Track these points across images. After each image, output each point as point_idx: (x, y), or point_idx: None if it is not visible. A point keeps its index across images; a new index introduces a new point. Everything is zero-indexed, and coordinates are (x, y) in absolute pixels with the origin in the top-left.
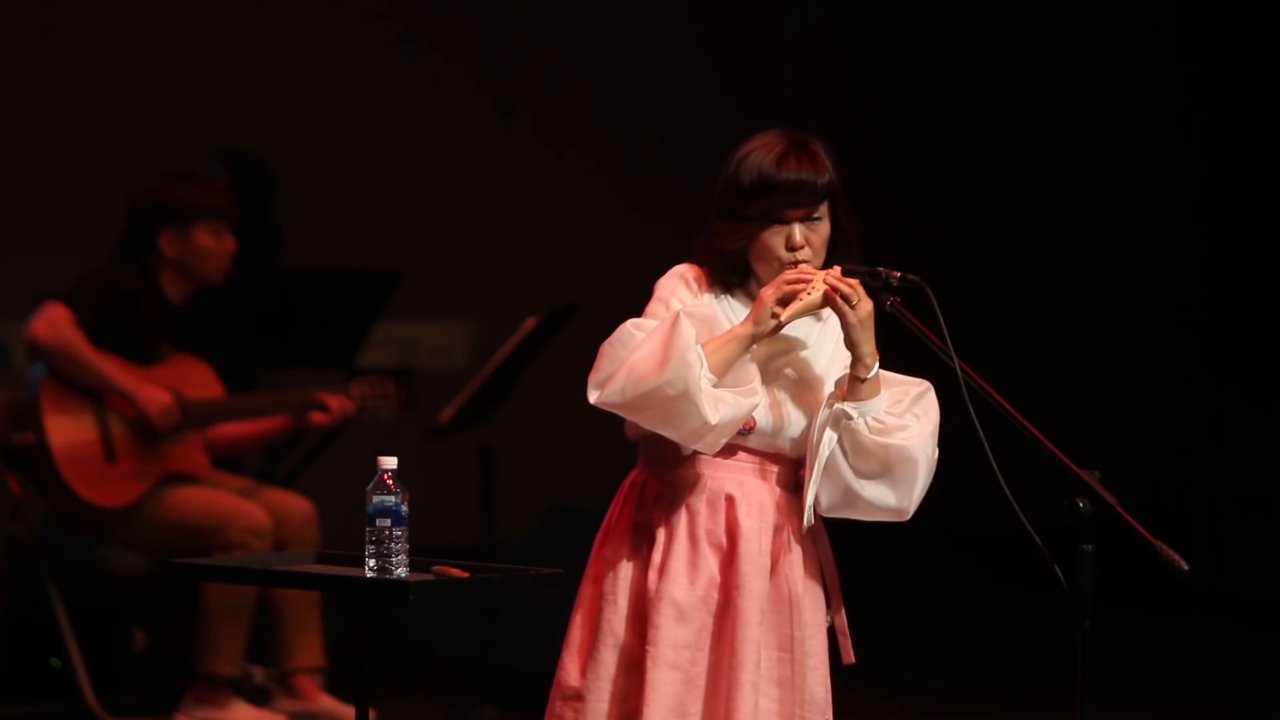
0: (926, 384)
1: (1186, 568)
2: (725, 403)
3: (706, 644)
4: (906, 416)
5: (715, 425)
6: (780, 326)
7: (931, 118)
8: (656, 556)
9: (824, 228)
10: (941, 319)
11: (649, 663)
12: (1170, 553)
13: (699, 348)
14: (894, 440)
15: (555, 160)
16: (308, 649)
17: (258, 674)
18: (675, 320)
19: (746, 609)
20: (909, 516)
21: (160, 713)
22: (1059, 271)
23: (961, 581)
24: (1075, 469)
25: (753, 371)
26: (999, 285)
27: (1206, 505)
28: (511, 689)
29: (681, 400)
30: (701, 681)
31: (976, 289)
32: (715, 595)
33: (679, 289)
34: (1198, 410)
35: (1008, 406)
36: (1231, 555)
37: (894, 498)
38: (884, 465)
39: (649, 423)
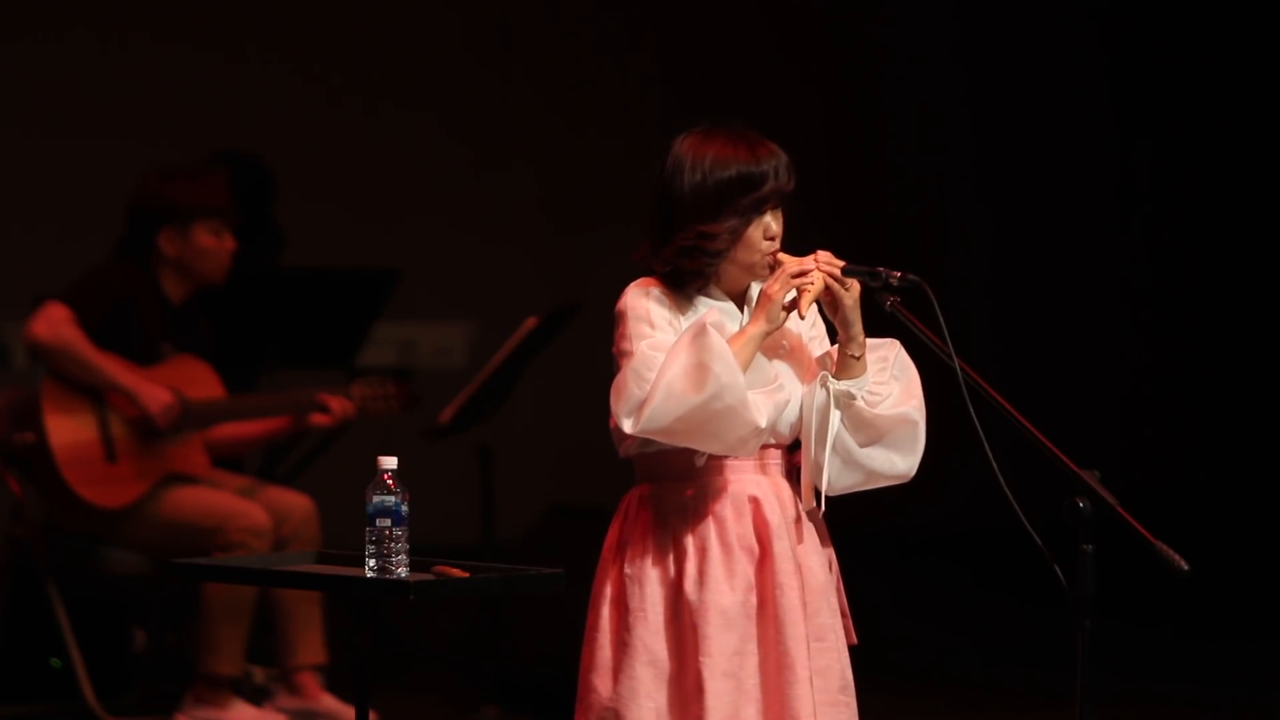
0: (896, 343)
1: (1186, 568)
2: (763, 403)
3: (750, 648)
4: (891, 383)
5: (764, 428)
6: (786, 319)
7: (905, 122)
8: (690, 568)
9: (781, 214)
10: (941, 319)
11: (705, 674)
12: (1170, 553)
13: (734, 357)
14: (891, 409)
15: (556, 161)
16: (310, 646)
17: (258, 674)
18: (702, 333)
19: (789, 607)
20: (912, 477)
21: (160, 713)
22: (1038, 269)
23: (959, 581)
24: (1075, 469)
25: (770, 368)
26: (992, 287)
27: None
28: (511, 689)
29: (729, 413)
30: (750, 685)
31: (964, 291)
32: (753, 599)
33: (651, 306)
34: (1196, 409)
35: (1008, 406)
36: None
37: (901, 462)
38: (884, 433)
39: (687, 440)
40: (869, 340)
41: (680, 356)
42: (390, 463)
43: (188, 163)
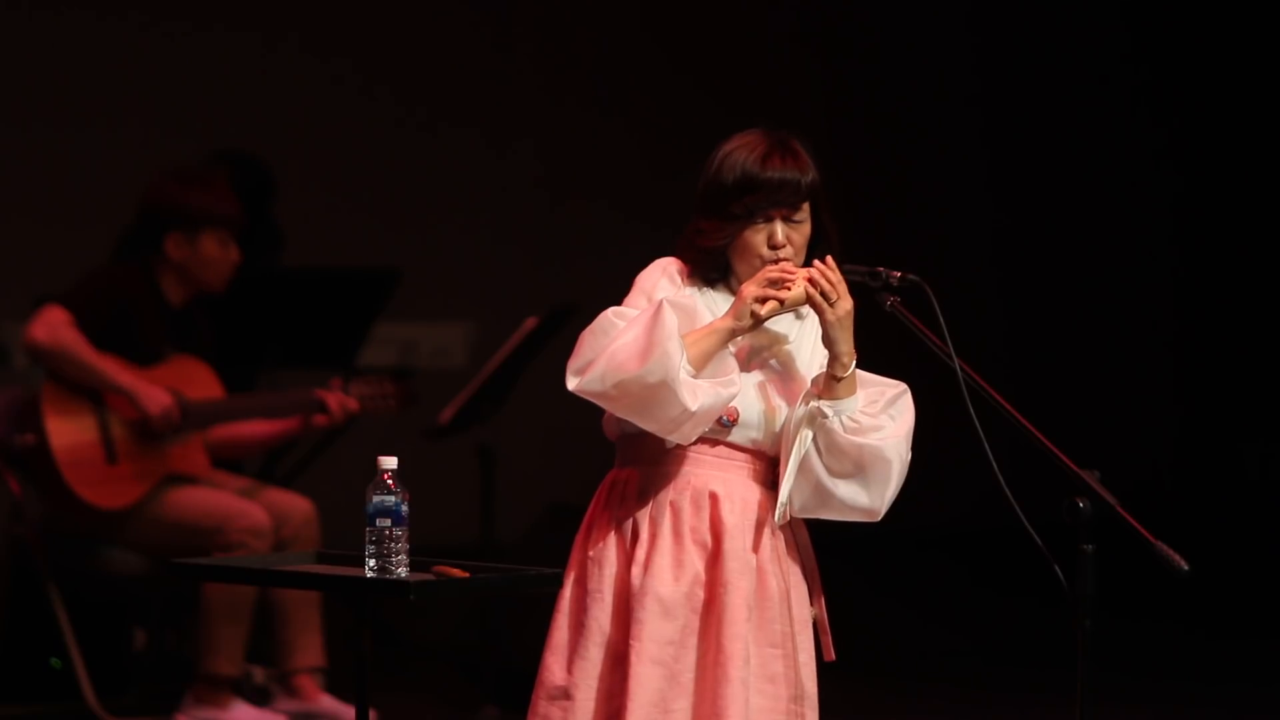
0: (903, 386)
1: (1186, 568)
2: (704, 390)
3: (690, 641)
4: (881, 417)
5: (695, 412)
6: (760, 322)
7: (918, 119)
8: (640, 553)
9: (805, 227)
10: (941, 319)
11: (633, 658)
12: (1170, 552)
13: (680, 338)
14: (868, 440)
15: (555, 160)
16: (308, 648)
17: (258, 674)
18: (658, 310)
19: (733, 605)
20: (880, 517)
21: (160, 713)
22: (1049, 269)
23: (956, 581)
24: (1075, 469)
25: (732, 364)
26: (991, 285)
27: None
28: (511, 689)
29: (661, 388)
30: (685, 679)
31: (967, 289)
32: (700, 593)
33: (661, 281)
34: (1195, 407)
35: (1008, 406)
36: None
37: (866, 498)
38: (857, 465)
39: (626, 411)
40: (876, 377)
41: (633, 329)
42: (390, 463)
43: (202, 169)
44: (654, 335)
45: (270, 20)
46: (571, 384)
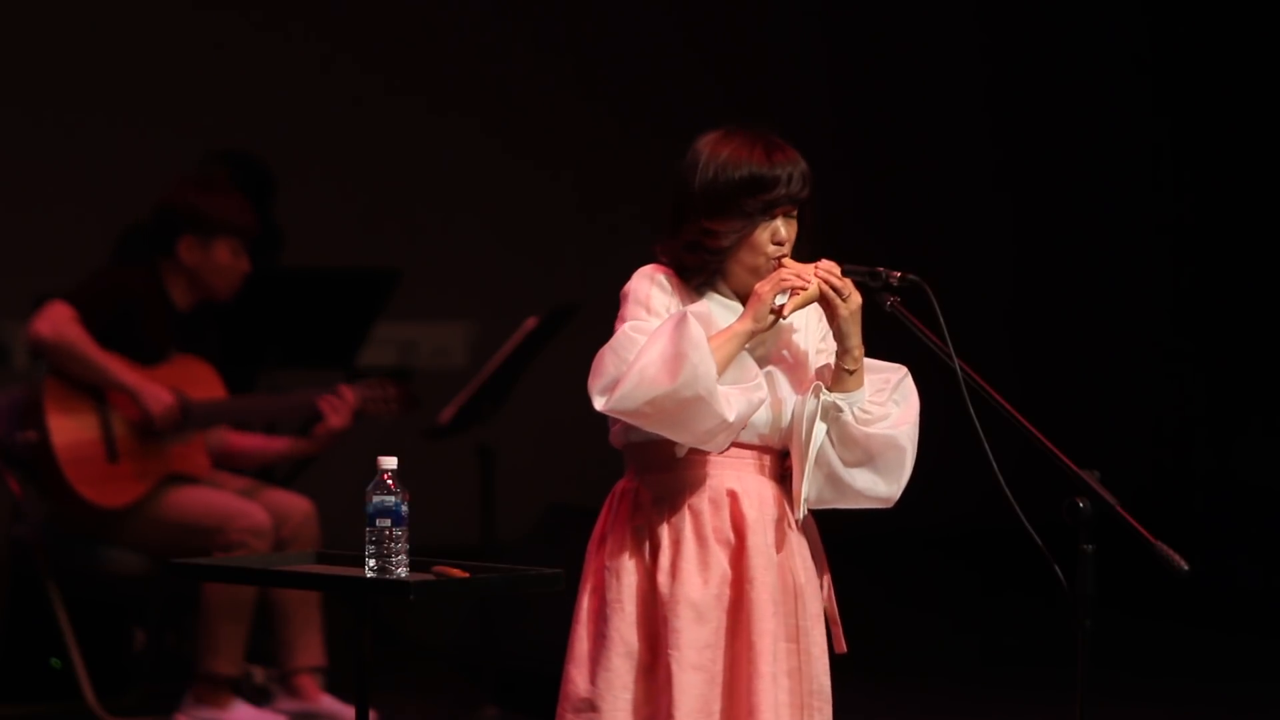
0: (904, 369)
1: (1187, 567)
2: (736, 399)
3: (723, 641)
4: (888, 404)
5: (732, 423)
6: (777, 321)
7: (926, 119)
8: (664, 560)
9: (796, 221)
10: (941, 319)
11: (674, 666)
12: (1170, 552)
13: (708, 349)
14: (880, 430)
15: (556, 160)
16: (309, 648)
17: (258, 674)
18: (683, 321)
19: (759, 601)
20: (894, 503)
21: (160, 713)
22: (1054, 270)
23: (956, 581)
24: (1075, 469)
25: (753, 366)
26: (995, 285)
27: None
28: (511, 689)
29: (697, 402)
30: (721, 678)
31: (972, 289)
32: (728, 592)
33: (653, 290)
34: (1196, 408)
35: (1007, 406)
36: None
37: (884, 485)
38: (870, 454)
39: (657, 426)
40: (877, 362)
41: (659, 342)
42: (390, 463)
43: (221, 176)
44: (681, 348)
45: (271, 20)
46: (600, 404)
